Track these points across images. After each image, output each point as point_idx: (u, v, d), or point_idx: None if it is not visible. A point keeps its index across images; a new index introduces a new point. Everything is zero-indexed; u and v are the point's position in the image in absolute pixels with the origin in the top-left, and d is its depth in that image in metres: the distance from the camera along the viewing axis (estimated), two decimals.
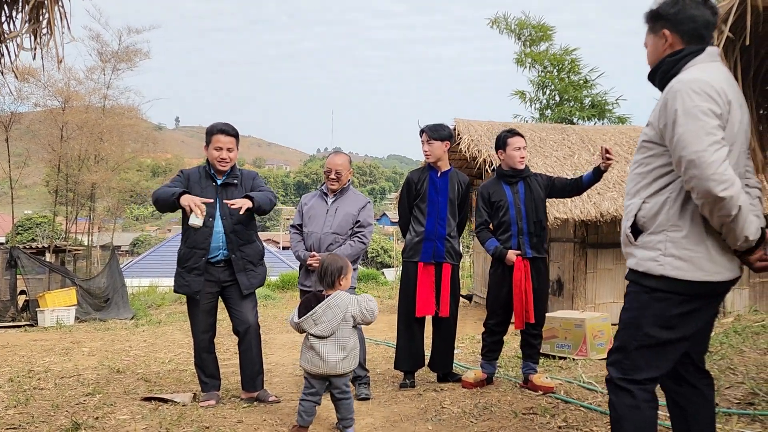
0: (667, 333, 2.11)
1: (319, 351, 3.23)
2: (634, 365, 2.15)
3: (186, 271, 4.06)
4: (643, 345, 2.13)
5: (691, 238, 2.06)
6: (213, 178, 4.13)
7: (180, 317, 11.63)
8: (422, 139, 4.63)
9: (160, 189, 4.05)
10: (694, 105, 1.98)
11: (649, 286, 2.11)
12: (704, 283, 2.07)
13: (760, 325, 6.82)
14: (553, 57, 17.06)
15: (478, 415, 3.67)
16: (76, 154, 16.06)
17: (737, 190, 1.94)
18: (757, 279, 9.43)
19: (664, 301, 2.10)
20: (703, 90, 1.99)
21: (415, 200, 4.62)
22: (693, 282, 2.06)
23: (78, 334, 9.32)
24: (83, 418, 3.74)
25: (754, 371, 4.47)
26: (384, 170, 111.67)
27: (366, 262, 29.50)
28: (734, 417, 3.41)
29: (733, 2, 2.59)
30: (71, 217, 17.15)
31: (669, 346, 2.14)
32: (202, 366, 4.19)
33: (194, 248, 4.03)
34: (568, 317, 5.81)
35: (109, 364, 6.10)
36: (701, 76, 2.03)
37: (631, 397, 2.14)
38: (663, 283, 2.08)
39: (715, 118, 1.98)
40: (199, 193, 4.02)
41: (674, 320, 2.10)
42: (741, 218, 1.95)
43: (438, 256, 4.53)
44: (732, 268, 2.10)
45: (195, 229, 3.86)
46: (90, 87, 16.59)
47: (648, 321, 2.11)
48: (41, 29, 2.43)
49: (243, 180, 4.22)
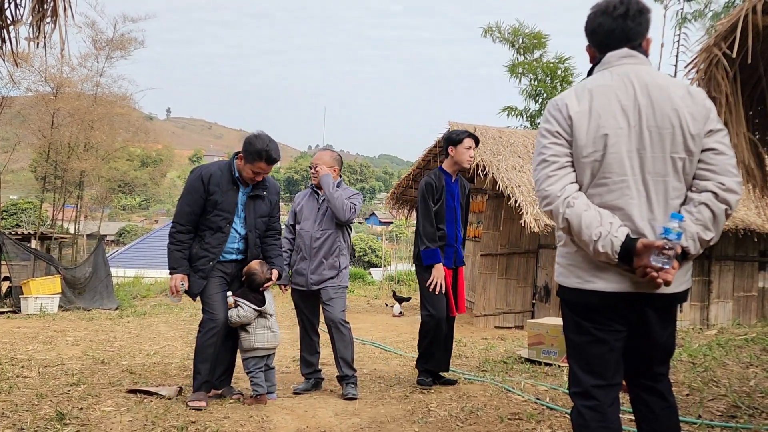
0: (581, 337, 2.14)
1: (273, 328, 4.10)
2: (573, 376, 2.17)
3: (192, 270, 3.98)
4: (571, 351, 2.19)
5: (570, 249, 2.12)
6: (237, 182, 4.03)
7: (165, 309, 11.56)
8: (470, 144, 4.66)
9: (174, 246, 3.92)
10: (540, 126, 2.15)
11: (561, 296, 2.23)
12: (586, 292, 2.07)
13: (743, 338, 6.90)
14: (546, 65, 17.17)
15: (465, 419, 3.68)
16: (65, 141, 15.92)
17: (557, 204, 2.02)
18: (741, 293, 9.55)
19: (566, 306, 2.20)
20: (547, 110, 2.13)
21: (435, 205, 4.61)
22: (575, 289, 2.11)
23: (62, 323, 9.23)
24: (68, 408, 3.71)
25: (736, 384, 4.52)
26: (375, 170, 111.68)
27: (353, 261, 29.48)
28: (717, 429, 3.44)
29: (735, 20, 2.62)
30: (58, 205, 17.00)
31: (588, 348, 2.11)
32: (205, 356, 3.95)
33: (207, 251, 3.96)
34: (555, 324, 5.84)
35: (94, 354, 6.05)
36: (561, 94, 2.15)
37: (577, 413, 2.12)
38: (561, 291, 2.21)
39: (549, 136, 2.08)
40: (221, 200, 3.93)
41: (580, 325, 2.13)
42: (577, 231, 1.99)
43: (459, 261, 4.66)
44: (618, 281, 2.03)
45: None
46: (83, 74, 16.47)
47: (566, 326, 2.21)
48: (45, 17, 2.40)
49: (269, 192, 4.17)
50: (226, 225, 3.97)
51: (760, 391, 4.28)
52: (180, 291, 3.90)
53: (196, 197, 3.94)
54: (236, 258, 4.09)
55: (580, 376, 2.12)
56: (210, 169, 4.03)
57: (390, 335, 8.54)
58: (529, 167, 9.63)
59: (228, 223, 3.97)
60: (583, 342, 2.13)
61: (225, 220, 3.96)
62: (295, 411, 3.84)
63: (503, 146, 10.07)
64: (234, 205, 3.99)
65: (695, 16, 15.13)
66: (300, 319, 4.56)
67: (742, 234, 9.14)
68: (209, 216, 3.96)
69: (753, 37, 2.57)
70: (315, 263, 4.34)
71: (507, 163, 9.59)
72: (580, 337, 2.14)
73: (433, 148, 10.96)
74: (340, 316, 4.35)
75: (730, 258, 9.54)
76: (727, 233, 8.77)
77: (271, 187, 4.19)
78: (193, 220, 3.96)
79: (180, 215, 3.98)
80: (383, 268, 22.03)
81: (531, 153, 10.12)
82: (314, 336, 4.56)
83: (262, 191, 4.10)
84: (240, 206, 4.03)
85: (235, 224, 4.02)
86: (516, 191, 8.87)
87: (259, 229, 4.13)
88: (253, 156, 3.91)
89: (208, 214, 3.96)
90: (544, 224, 8.42)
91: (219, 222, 3.96)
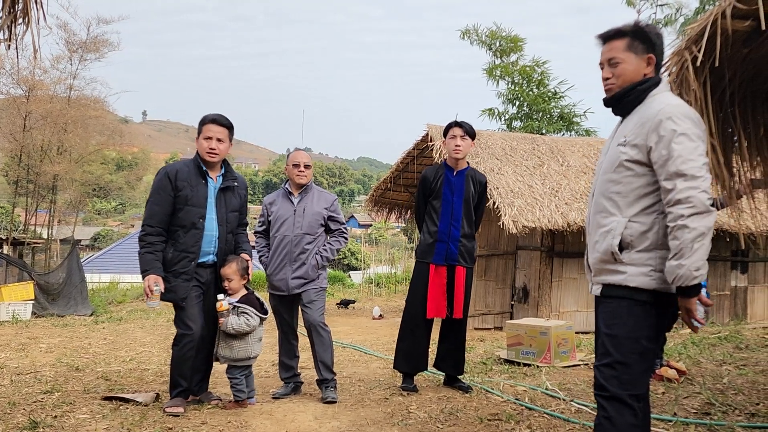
0: (653, 343, 2.25)
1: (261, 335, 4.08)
2: (633, 379, 2.20)
3: (173, 275, 3.82)
4: (642, 357, 2.21)
5: (664, 253, 2.19)
6: (205, 175, 3.94)
7: (142, 315, 11.40)
8: (454, 133, 4.44)
9: (146, 249, 3.80)
10: (692, 130, 2.16)
11: (642, 300, 2.22)
12: (672, 296, 2.22)
13: (716, 336, 7.03)
14: (522, 69, 17.35)
15: (444, 421, 3.69)
16: (38, 144, 15.62)
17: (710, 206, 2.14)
18: (714, 292, 9.72)
19: (654, 313, 2.22)
20: (692, 118, 2.19)
21: (429, 198, 4.53)
22: (667, 294, 2.22)
23: (35, 330, 9.05)
24: (41, 416, 3.64)
25: (710, 382, 4.61)
26: (353, 172, 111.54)
27: (332, 264, 29.36)
28: (691, 426, 3.51)
29: (705, 24, 2.68)
30: (31, 209, 16.67)
31: (651, 356, 2.26)
32: (182, 370, 3.89)
33: (184, 252, 3.84)
34: (534, 325, 5.89)
35: (68, 361, 5.95)
36: (681, 103, 2.23)
37: (633, 416, 2.18)
38: (653, 297, 2.21)
39: (702, 144, 2.17)
40: (190, 194, 3.85)
41: (659, 331, 2.27)
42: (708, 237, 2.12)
43: (450, 258, 4.45)
44: None
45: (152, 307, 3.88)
46: (55, 76, 16.16)
47: (644, 333, 2.21)
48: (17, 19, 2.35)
49: (239, 185, 4.10)
50: (200, 220, 3.87)
51: (733, 389, 4.37)
52: (155, 292, 3.72)
53: (165, 196, 3.86)
54: (212, 261, 3.97)
55: (644, 379, 2.24)
56: (175, 166, 3.98)
57: (370, 338, 8.53)
58: (506, 169, 9.70)
59: (201, 218, 3.87)
60: (653, 349, 2.25)
61: (197, 215, 3.86)
62: (274, 416, 3.82)
63: (481, 148, 10.12)
64: (205, 198, 3.90)
65: (667, 21, 15.43)
66: (279, 323, 4.52)
67: (714, 234, 9.31)
68: (180, 214, 3.85)
69: (722, 41, 2.62)
70: (294, 267, 4.31)
71: (485, 165, 9.64)
72: (652, 344, 2.24)
73: (412, 151, 10.98)
74: (320, 318, 4.33)
75: None
76: None
77: (240, 181, 4.13)
78: (163, 221, 3.85)
79: (149, 217, 3.86)
80: (362, 270, 21.98)
81: (509, 155, 10.19)
82: (293, 340, 4.53)
83: (232, 182, 4.03)
84: (211, 200, 3.94)
85: (208, 219, 3.91)
86: (494, 193, 8.93)
87: (231, 224, 4.03)
88: (200, 126, 3.97)
89: (179, 211, 3.86)
90: (522, 226, 8.49)
91: (192, 218, 3.85)
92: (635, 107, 2.30)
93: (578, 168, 10.14)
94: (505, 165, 9.86)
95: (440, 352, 4.63)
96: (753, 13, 2.65)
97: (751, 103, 3.69)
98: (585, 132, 16.99)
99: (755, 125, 3.74)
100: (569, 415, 3.75)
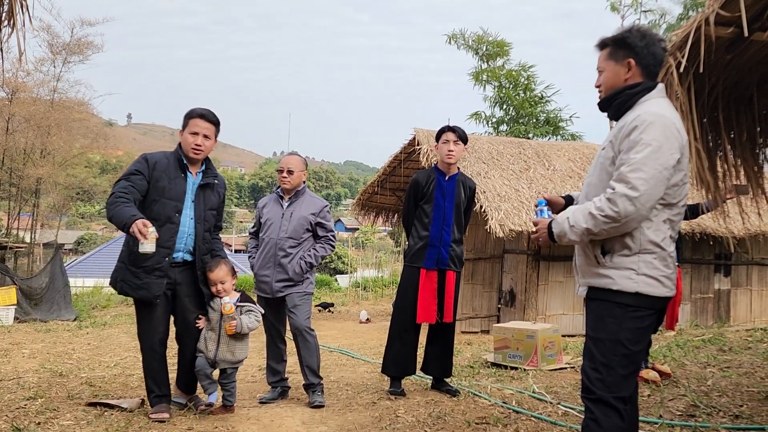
0: (637, 346, 2.26)
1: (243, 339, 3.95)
2: (618, 382, 2.22)
3: (144, 272, 3.62)
4: (625, 359, 2.23)
5: (658, 259, 2.24)
6: (185, 169, 3.77)
7: (126, 319, 11.30)
8: (447, 138, 4.42)
9: (116, 204, 3.46)
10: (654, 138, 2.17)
11: (623, 303, 2.24)
12: (662, 299, 2.26)
13: (700, 339, 7.11)
14: (509, 73, 17.46)
15: (432, 424, 3.69)
16: (21, 147, 15.47)
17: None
18: (698, 295, 9.83)
19: (637, 316, 2.24)
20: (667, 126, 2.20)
21: (420, 202, 4.51)
22: (658, 297, 2.25)
23: (18, 335, 8.93)
24: (24, 423, 3.58)
25: (695, 384, 4.65)
26: (340, 176, 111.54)
27: (319, 267, 29.29)
28: (677, 428, 3.54)
29: (689, 31, 2.72)
30: (13, 213, 16.47)
31: (636, 358, 2.27)
32: (154, 376, 3.80)
33: (159, 246, 3.52)
34: (520, 328, 5.91)
35: (51, 367, 5.87)
36: (662, 112, 2.22)
37: (620, 418, 2.20)
38: (636, 300, 2.23)
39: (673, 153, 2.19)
40: (168, 186, 3.67)
41: (642, 333, 2.27)
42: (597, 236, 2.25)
43: (442, 263, 4.44)
44: (671, 286, 2.29)
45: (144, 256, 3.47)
46: (39, 78, 16.06)
47: (625, 335, 2.23)
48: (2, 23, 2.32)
49: (219, 183, 3.95)
50: (175, 215, 3.70)
51: (717, 391, 4.41)
52: (150, 234, 3.33)
53: (140, 176, 3.63)
54: (183, 259, 3.77)
55: (630, 381, 2.26)
56: (155, 156, 3.78)
57: (357, 342, 8.52)
58: (493, 173, 9.75)
59: (177, 212, 3.70)
60: (636, 351, 2.25)
61: (174, 209, 3.70)
62: (261, 421, 3.79)
63: (468, 152, 10.16)
64: (183, 193, 3.74)
65: (651, 27, 15.61)
66: (266, 327, 4.51)
67: (698, 238, 9.43)
68: (155, 206, 3.65)
69: (705, 48, 2.66)
70: (279, 270, 4.30)
71: (472, 169, 9.68)
72: (636, 347, 2.25)
73: (399, 155, 10.99)
74: (306, 323, 4.32)
75: (687, 261, 9.81)
76: (684, 237, 9.03)
77: (220, 179, 4.00)
78: (139, 185, 3.59)
79: (118, 187, 3.56)
80: (349, 274, 21.97)
81: (495, 159, 10.25)
82: (281, 344, 4.52)
83: (212, 179, 3.88)
84: (189, 195, 3.78)
85: (183, 215, 3.73)
86: (481, 197, 8.96)
87: (209, 222, 3.88)
88: (186, 119, 3.78)
89: (154, 203, 3.65)
90: (509, 229, 8.53)
91: (167, 212, 3.67)
92: (626, 112, 2.32)
93: (564, 172, 10.22)
94: (491, 169, 9.91)
95: (428, 356, 4.62)
96: (736, 20, 2.69)
97: (735, 109, 3.75)
98: (571, 136, 17.14)
99: (739, 130, 3.79)
100: (556, 418, 3.77)
